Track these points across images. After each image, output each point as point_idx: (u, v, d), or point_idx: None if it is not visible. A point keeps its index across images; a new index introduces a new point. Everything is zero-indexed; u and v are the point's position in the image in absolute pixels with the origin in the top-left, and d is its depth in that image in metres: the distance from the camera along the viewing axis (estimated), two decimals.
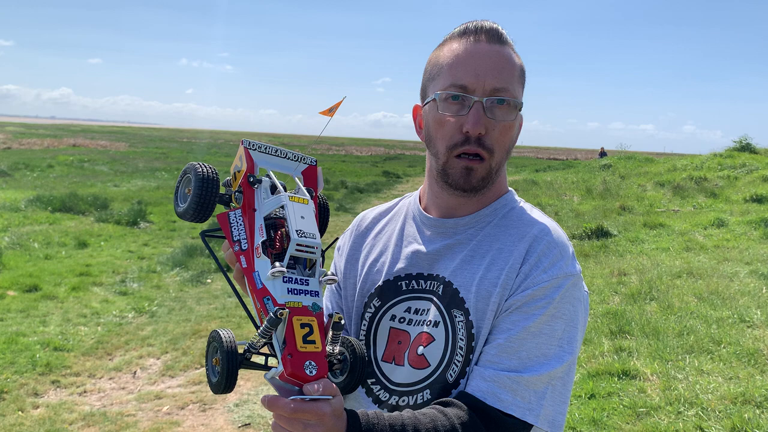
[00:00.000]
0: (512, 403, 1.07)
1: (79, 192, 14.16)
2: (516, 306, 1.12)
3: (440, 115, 1.16)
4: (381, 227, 1.36)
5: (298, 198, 1.05)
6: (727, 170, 15.23)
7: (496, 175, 1.20)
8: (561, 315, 1.12)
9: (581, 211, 12.30)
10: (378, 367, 1.23)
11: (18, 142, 36.88)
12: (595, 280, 7.26)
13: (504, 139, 1.17)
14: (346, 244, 1.39)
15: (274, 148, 1.13)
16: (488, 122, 1.14)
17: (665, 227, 10.21)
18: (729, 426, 3.71)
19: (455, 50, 1.16)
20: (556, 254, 1.15)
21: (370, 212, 1.41)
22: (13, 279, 7.06)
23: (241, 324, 5.87)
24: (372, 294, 1.27)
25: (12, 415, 4.03)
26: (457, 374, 1.15)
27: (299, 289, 1.00)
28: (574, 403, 4.13)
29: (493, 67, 1.14)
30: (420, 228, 1.28)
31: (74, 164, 23.94)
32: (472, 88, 1.13)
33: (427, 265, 1.23)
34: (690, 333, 5.24)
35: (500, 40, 1.17)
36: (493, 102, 1.13)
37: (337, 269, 1.38)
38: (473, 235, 1.21)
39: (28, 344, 5.17)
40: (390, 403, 1.20)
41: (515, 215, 1.23)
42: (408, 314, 1.21)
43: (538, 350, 1.10)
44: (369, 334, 1.26)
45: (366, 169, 31.61)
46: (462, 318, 1.15)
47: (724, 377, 4.41)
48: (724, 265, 7.60)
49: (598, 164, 21.31)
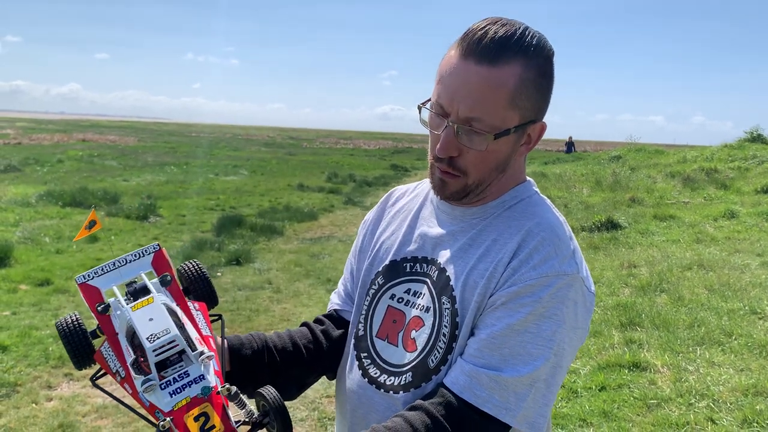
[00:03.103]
0: (487, 401, 1.05)
1: (89, 186, 14.25)
2: (501, 302, 1.10)
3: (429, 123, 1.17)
4: (402, 205, 1.38)
5: (138, 304, 1.01)
6: (738, 161, 15.10)
7: (478, 189, 1.17)
8: (550, 315, 1.07)
9: (591, 203, 12.25)
10: (372, 343, 1.26)
11: (28, 138, 37.08)
12: (605, 272, 7.24)
13: (480, 162, 1.13)
14: (371, 218, 1.42)
15: (109, 264, 1.11)
16: (460, 147, 1.11)
17: (675, 219, 10.15)
18: (740, 417, 3.70)
19: (448, 62, 1.12)
20: (550, 251, 1.10)
21: (397, 189, 1.44)
22: (25, 273, 7.12)
23: (251, 317, 5.90)
24: (379, 272, 1.30)
25: (26, 408, 4.07)
26: (438, 360, 1.15)
27: (182, 385, 0.97)
28: (584, 395, 4.13)
29: (470, 95, 1.08)
30: (434, 211, 1.29)
31: (84, 159, 24.06)
32: (447, 111, 1.10)
33: (430, 249, 1.24)
34: (701, 325, 5.22)
35: (493, 59, 1.06)
36: (466, 129, 1.10)
37: (358, 240, 1.42)
38: (476, 224, 1.20)
39: (41, 337, 5.21)
40: (379, 380, 1.22)
41: (521, 207, 1.20)
42: (407, 295, 1.24)
43: (522, 348, 1.06)
44: (369, 308, 1.29)
45: (374, 162, 31.59)
46: (449, 306, 1.16)
47: (736, 369, 4.39)
48: (735, 257, 7.56)
49: (608, 156, 21.19)
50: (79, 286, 1.08)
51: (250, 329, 5.57)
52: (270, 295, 6.71)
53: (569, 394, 4.16)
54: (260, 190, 16.83)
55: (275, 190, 17.12)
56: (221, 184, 18.13)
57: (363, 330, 1.29)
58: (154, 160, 25.48)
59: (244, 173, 21.98)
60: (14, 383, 4.39)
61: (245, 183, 18.77)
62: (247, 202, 14.44)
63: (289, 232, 10.76)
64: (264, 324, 5.73)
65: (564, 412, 3.92)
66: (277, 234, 10.41)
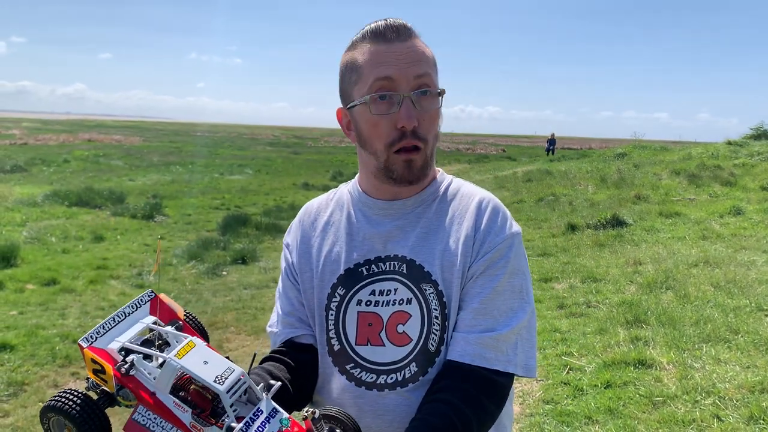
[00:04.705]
0: (496, 359, 1.17)
1: (95, 186, 14.30)
2: (480, 271, 1.22)
3: (373, 117, 1.21)
4: (327, 218, 1.39)
5: (183, 350, 0.93)
6: (743, 158, 15.05)
7: (431, 161, 1.28)
8: (517, 271, 1.23)
9: (596, 200, 12.22)
10: (354, 351, 1.27)
11: (34, 138, 37.25)
12: (611, 269, 7.23)
13: (433, 127, 1.24)
14: (295, 239, 1.41)
15: (108, 322, 1.02)
16: (418, 114, 1.20)
17: (681, 216, 10.12)
18: (746, 415, 3.69)
19: (372, 51, 1.21)
20: (502, 218, 1.26)
21: (311, 205, 1.45)
22: (31, 273, 7.16)
23: (257, 315, 5.92)
24: (335, 284, 1.30)
25: (33, 407, 4.09)
26: (437, 342, 1.22)
27: (262, 423, 0.92)
28: (590, 392, 4.12)
29: (411, 59, 1.20)
30: (366, 213, 1.33)
31: (90, 159, 24.15)
32: (398, 83, 1.19)
33: (380, 247, 1.28)
34: (707, 322, 5.21)
35: (410, 34, 1.22)
36: (418, 95, 1.19)
37: (289, 265, 1.39)
38: (421, 213, 1.29)
39: (48, 337, 5.24)
40: (378, 382, 1.24)
41: (453, 191, 1.32)
42: (374, 297, 1.26)
43: (506, 306, 1.21)
44: (338, 322, 1.29)
45: None
46: (432, 290, 1.23)
47: (742, 366, 4.38)
48: (741, 254, 7.54)
49: (613, 153, 21.14)
50: (88, 349, 0.98)
51: (255, 328, 5.59)
52: (275, 293, 6.70)
53: (575, 392, 4.16)
54: (265, 189, 16.87)
55: (280, 189, 17.15)
56: (226, 183, 18.17)
57: (338, 344, 1.28)
58: (160, 160, 25.54)
59: (249, 172, 22.02)
60: (21, 382, 4.42)
61: (250, 182, 18.81)
62: (252, 201, 14.47)
63: None
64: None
65: (569, 409, 3.92)
66: (282, 233, 10.40)
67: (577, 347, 4.92)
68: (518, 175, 18.75)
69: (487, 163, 30.92)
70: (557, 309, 5.98)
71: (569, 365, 4.59)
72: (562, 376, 4.42)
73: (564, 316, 5.74)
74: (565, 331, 5.30)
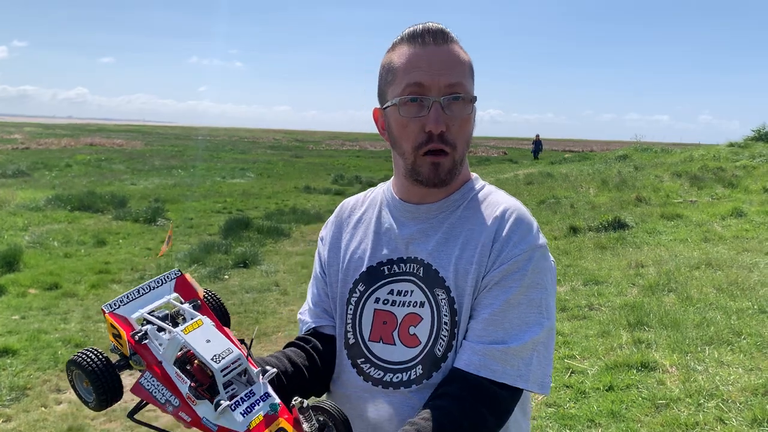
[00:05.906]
0: (503, 372, 1.15)
1: (97, 190, 14.32)
2: (494, 281, 1.21)
3: (402, 118, 1.23)
4: (359, 216, 1.43)
5: (190, 326, 1.00)
6: (745, 160, 15.04)
7: (460, 166, 1.27)
8: (536, 284, 1.20)
9: (597, 203, 12.21)
10: (366, 347, 1.30)
11: (36, 142, 37.29)
12: (613, 272, 7.22)
13: (463, 133, 1.24)
14: (329, 233, 1.46)
15: (134, 292, 1.09)
16: (447, 119, 1.20)
17: (683, 218, 10.11)
18: (750, 417, 3.68)
19: (407, 53, 1.23)
20: (524, 229, 1.23)
21: (347, 202, 1.49)
22: (34, 277, 7.17)
23: (258, 319, 5.91)
24: (357, 280, 1.34)
25: (36, 411, 4.09)
26: (444, 348, 1.23)
27: (251, 405, 0.97)
28: (592, 395, 4.12)
29: (445, 65, 1.21)
30: (395, 214, 1.35)
31: (92, 163, 24.19)
32: (428, 88, 1.20)
33: (403, 249, 1.31)
34: (709, 324, 5.20)
35: (447, 39, 1.23)
36: (449, 99, 1.20)
37: (321, 258, 1.44)
38: (444, 218, 1.29)
39: (50, 341, 5.24)
40: (385, 380, 1.27)
41: (482, 198, 1.31)
42: (391, 296, 1.29)
43: (520, 319, 1.18)
44: (356, 316, 1.32)
45: (380, 163, 31.59)
46: (444, 296, 1.23)
47: (745, 368, 4.37)
48: (743, 256, 7.53)
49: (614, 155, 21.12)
50: (109, 315, 1.04)
51: (258, 332, 5.59)
52: (277, 297, 6.72)
53: (577, 395, 4.15)
54: (267, 193, 16.87)
55: (282, 192, 17.15)
56: (228, 186, 18.18)
57: (353, 338, 1.32)
58: (162, 164, 25.57)
59: (251, 176, 22.04)
60: (24, 387, 4.42)
61: (252, 185, 18.82)
62: (253, 204, 14.48)
63: (296, 234, 10.78)
64: (271, 326, 5.74)
65: (572, 412, 3.91)
66: (284, 236, 10.43)
67: (579, 350, 4.92)
68: (519, 177, 18.73)
69: (489, 166, 30.90)
70: (559, 312, 5.97)
71: (571, 368, 4.58)
72: (565, 379, 4.41)
73: (566, 319, 5.73)
74: (568, 334, 5.30)
